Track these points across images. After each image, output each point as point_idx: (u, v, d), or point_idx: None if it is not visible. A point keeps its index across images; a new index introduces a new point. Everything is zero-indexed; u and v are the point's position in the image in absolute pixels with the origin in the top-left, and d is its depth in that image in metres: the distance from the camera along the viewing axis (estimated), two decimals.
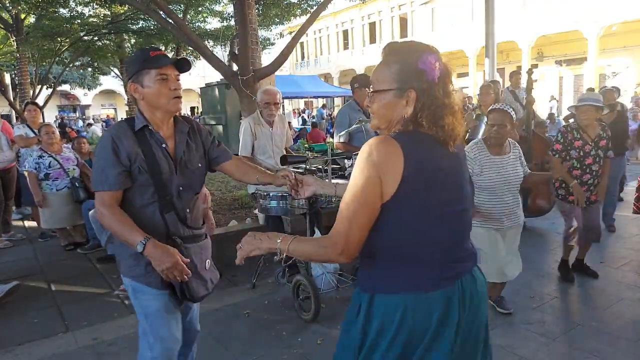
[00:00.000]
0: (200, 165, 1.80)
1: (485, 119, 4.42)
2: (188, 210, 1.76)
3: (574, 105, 3.50)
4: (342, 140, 3.93)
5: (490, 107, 2.87)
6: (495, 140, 2.78)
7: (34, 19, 11.91)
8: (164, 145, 1.68)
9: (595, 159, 3.36)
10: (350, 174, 4.28)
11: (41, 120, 5.74)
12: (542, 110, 13.66)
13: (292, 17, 11.52)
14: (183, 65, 1.66)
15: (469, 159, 2.75)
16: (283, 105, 20.58)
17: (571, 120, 3.76)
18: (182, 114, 1.88)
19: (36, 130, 5.12)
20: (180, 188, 1.72)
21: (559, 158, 3.42)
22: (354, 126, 3.73)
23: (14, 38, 10.90)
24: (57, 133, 4.88)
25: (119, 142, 1.60)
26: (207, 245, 1.87)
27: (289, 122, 12.09)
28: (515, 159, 2.85)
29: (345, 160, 4.03)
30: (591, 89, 5.62)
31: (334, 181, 3.30)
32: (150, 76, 1.60)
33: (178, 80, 1.67)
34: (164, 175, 1.65)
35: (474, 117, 4.89)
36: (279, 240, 1.27)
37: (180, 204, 1.72)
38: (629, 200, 5.16)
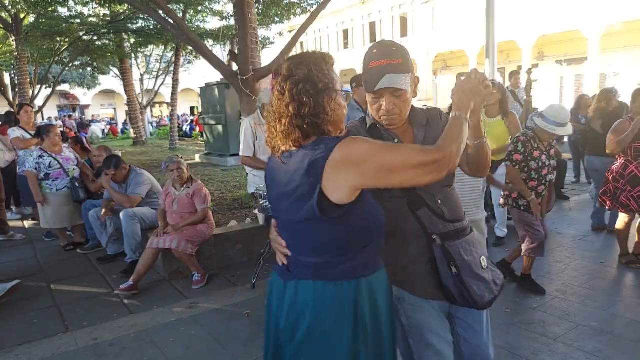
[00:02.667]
0: None
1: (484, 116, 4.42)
2: (440, 202, 1.50)
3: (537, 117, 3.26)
4: None
5: None
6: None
7: (33, 19, 11.89)
8: (396, 140, 1.51)
9: (549, 169, 3.25)
10: None
11: (37, 122, 5.73)
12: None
13: (292, 16, 11.52)
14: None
15: None
16: None
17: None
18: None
19: (31, 132, 5.12)
20: None
21: (517, 169, 3.23)
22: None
23: (14, 38, 10.88)
24: (60, 135, 4.89)
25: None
26: (476, 241, 1.54)
27: None
28: None
29: None
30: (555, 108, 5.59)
31: None
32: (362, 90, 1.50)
33: (397, 96, 1.45)
34: None
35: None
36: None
37: (429, 196, 1.48)
38: None
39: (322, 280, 1.24)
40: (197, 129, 18.67)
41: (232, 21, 11.99)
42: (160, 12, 6.13)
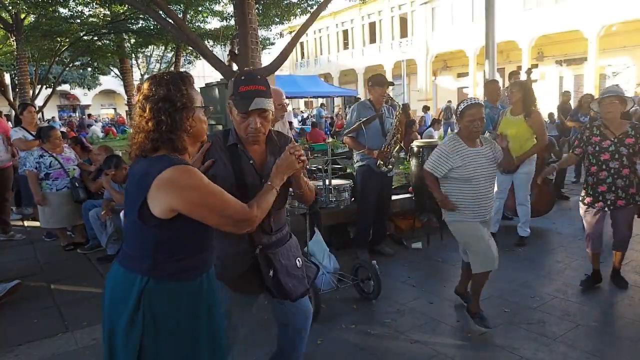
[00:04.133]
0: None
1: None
2: (272, 219, 1.80)
3: (597, 99, 3.32)
4: (350, 135, 3.99)
5: (467, 103, 2.82)
6: (475, 134, 2.80)
7: (33, 19, 11.90)
8: (251, 162, 1.78)
9: (614, 155, 3.14)
10: (357, 167, 4.31)
11: (38, 121, 5.72)
12: (543, 111, 13.64)
13: (292, 17, 11.54)
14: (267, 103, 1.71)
15: (447, 154, 2.78)
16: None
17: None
18: None
19: (33, 132, 5.11)
20: None
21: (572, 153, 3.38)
22: (362, 119, 3.81)
23: (14, 38, 10.89)
24: (60, 137, 4.88)
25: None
26: (293, 245, 1.90)
27: (290, 122, 12.10)
28: (488, 152, 2.86)
29: (354, 156, 4.08)
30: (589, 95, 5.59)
31: None
32: (234, 108, 1.72)
33: (264, 117, 1.71)
34: (249, 187, 1.73)
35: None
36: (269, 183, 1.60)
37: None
38: None
39: (122, 266, 1.43)
40: None
41: (232, 22, 12.00)
42: (161, 12, 6.14)
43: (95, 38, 13.15)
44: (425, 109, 16.77)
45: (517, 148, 4.00)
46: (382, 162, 3.92)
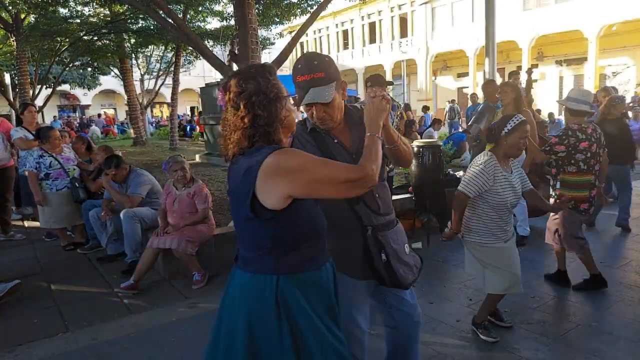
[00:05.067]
0: None
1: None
2: (377, 196, 1.74)
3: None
4: None
5: (520, 119, 2.60)
6: (520, 152, 2.64)
7: (33, 19, 11.90)
8: (335, 141, 1.71)
9: (597, 158, 3.21)
10: None
11: (39, 121, 5.71)
12: (543, 111, 13.65)
13: (292, 17, 11.54)
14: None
15: (486, 173, 2.54)
16: None
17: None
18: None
19: (33, 132, 5.11)
20: None
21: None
22: None
23: (14, 38, 10.88)
24: (60, 138, 4.87)
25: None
26: (401, 230, 1.83)
27: None
28: (519, 169, 2.75)
29: None
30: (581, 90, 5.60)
31: None
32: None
33: (325, 111, 1.64)
34: (339, 157, 1.64)
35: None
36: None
37: (368, 192, 1.59)
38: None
39: (247, 271, 1.38)
40: (197, 129, 18.67)
41: (232, 22, 12.00)
42: (161, 12, 6.14)
43: (95, 38, 13.13)
44: (425, 109, 16.77)
45: None
46: None
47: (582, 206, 3.23)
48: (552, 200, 3.32)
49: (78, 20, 12.16)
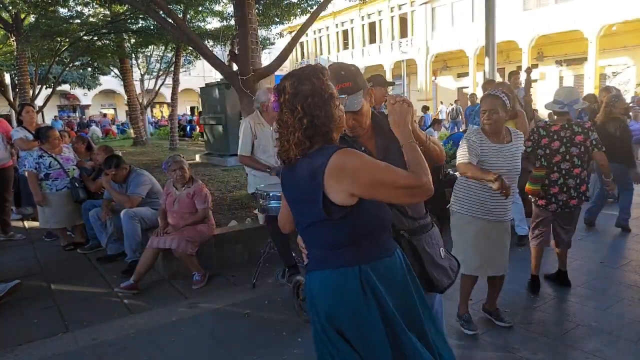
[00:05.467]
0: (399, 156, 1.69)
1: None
2: None
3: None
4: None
5: (484, 94, 2.76)
6: (489, 127, 2.66)
7: (33, 19, 11.90)
8: (363, 148, 1.68)
9: (565, 156, 3.16)
10: None
11: (38, 121, 5.71)
12: (542, 111, 13.65)
13: (292, 17, 11.53)
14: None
15: (474, 143, 2.66)
16: None
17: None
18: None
19: (33, 132, 5.11)
20: None
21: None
22: None
23: (14, 38, 10.88)
24: (59, 138, 4.88)
25: None
26: (437, 234, 1.81)
27: None
28: (517, 150, 2.74)
29: None
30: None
31: None
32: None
33: (355, 119, 1.64)
34: None
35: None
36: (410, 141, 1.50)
37: None
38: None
39: (327, 269, 1.40)
40: (197, 129, 18.66)
41: (232, 22, 12.00)
42: (161, 12, 6.14)
43: (95, 38, 13.12)
44: (425, 109, 16.78)
45: None
46: None
47: (540, 202, 3.30)
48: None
49: (78, 20, 12.15)
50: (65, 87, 23.81)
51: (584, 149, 3.16)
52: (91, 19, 12.77)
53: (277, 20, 12.09)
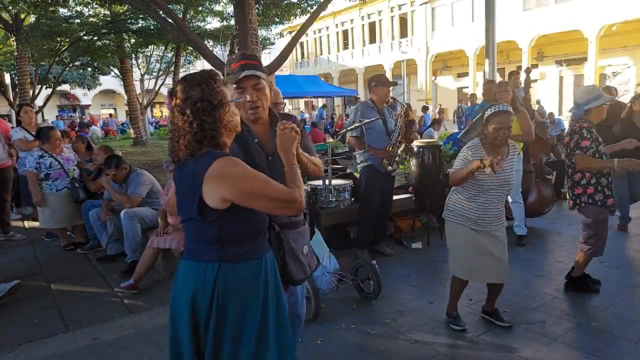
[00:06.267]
0: None
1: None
2: None
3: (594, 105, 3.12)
4: (353, 134, 3.98)
5: (495, 109, 2.66)
6: (500, 142, 2.65)
7: (33, 19, 11.90)
8: (256, 140, 1.84)
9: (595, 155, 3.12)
10: (361, 168, 4.30)
11: (37, 121, 5.70)
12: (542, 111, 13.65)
13: (292, 17, 11.53)
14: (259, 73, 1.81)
15: (466, 161, 2.65)
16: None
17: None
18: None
19: (33, 133, 5.10)
20: (274, 176, 1.79)
21: (587, 155, 3.05)
22: (365, 121, 3.80)
23: (14, 38, 10.88)
24: (60, 138, 4.87)
25: None
26: (304, 232, 1.97)
27: None
28: (512, 163, 2.75)
29: (358, 156, 4.09)
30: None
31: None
32: (232, 89, 1.76)
33: (258, 88, 1.80)
34: (257, 165, 1.76)
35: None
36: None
37: None
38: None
39: (193, 261, 1.53)
40: None
41: (232, 22, 12.00)
42: (161, 12, 6.14)
43: (95, 38, 13.12)
44: (425, 109, 16.77)
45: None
46: (387, 162, 3.93)
47: (609, 201, 3.15)
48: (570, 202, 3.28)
49: (78, 21, 12.15)
50: (65, 87, 23.81)
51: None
52: (91, 19, 12.76)
53: (277, 20, 12.09)
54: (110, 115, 28.97)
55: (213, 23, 28.97)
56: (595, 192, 3.13)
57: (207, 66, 5.96)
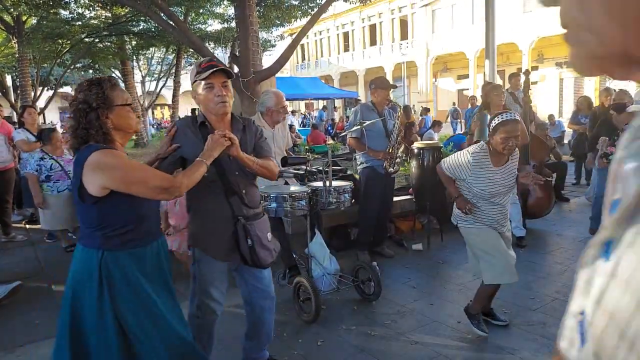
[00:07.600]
0: (252, 154, 2.12)
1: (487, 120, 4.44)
2: (244, 192, 2.08)
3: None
4: (354, 135, 3.99)
5: (503, 118, 2.59)
6: (507, 152, 2.61)
7: (35, 21, 11.94)
8: None
9: None
10: (361, 169, 4.30)
11: (39, 122, 5.71)
12: (542, 112, 13.66)
13: (293, 19, 11.57)
14: (227, 73, 2.02)
15: (467, 166, 2.65)
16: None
17: None
18: (189, 115, 2.25)
19: (35, 134, 5.12)
20: (237, 173, 2.05)
21: None
22: (366, 122, 3.80)
23: (16, 40, 10.92)
24: (62, 139, 4.88)
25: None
26: (266, 221, 2.21)
27: (291, 125, 12.10)
28: (512, 168, 2.75)
29: (358, 158, 4.10)
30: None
31: (336, 183, 3.32)
32: (200, 86, 1.97)
33: (225, 86, 1.99)
34: (223, 162, 1.98)
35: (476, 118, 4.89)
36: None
37: (238, 188, 2.05)
38: None
39: (81, 245, 1.71)
40: None
41: (233, 24, 12.03)
42: (162, 14, 6.16)
43: (97, 40, 13.17)
44: (425, 111, 16.79)
45: None
46: (388, 164, 3.94)
47: None
48: None
49: (79, 23, 12.20)
50: (67, 89, 23.85)
51: None
52: (92, 21, 12.81)
53: (278, 22, 12.14)
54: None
55: (214, 25, 29.05)
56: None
57: None
